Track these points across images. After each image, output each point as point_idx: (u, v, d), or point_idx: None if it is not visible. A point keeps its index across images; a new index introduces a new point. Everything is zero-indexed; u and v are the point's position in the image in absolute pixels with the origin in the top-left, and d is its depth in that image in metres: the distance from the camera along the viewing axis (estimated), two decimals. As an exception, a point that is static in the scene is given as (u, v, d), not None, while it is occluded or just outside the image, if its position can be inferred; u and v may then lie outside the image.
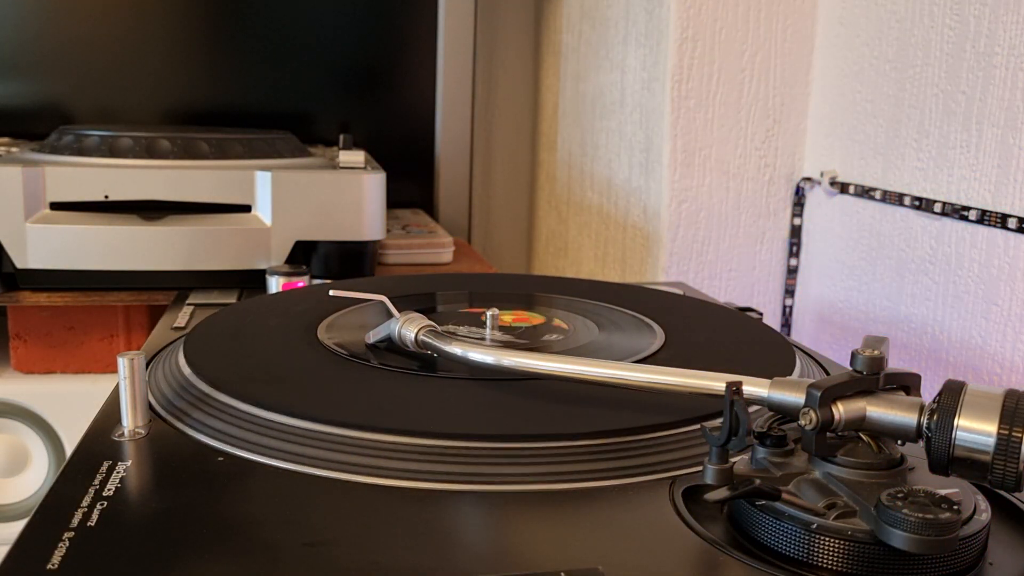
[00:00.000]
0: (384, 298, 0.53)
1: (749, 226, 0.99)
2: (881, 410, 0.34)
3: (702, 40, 0.94)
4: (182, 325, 0.64)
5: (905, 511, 0.30)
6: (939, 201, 0.78)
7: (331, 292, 0.56)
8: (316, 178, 0.83)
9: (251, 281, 0.80)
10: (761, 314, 0.69)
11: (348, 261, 0.85)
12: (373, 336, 0.52)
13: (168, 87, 1.20)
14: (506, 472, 0.38)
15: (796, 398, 0.36)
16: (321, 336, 0.54)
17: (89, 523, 0.33)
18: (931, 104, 0.80)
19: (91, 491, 0.36)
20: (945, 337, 0.78)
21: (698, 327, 0.59)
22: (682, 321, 0.60)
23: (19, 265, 0.78)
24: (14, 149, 0.92)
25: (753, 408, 0.43)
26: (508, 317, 0.60)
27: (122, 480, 0.37)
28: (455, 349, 0.47)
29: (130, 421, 0.42)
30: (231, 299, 0.75)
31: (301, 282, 0.71)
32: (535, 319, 0.60)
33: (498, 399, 0.45)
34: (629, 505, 0.37)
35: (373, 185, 0.84)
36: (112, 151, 0.83)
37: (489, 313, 0.57)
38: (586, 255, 1.21)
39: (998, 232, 0.72)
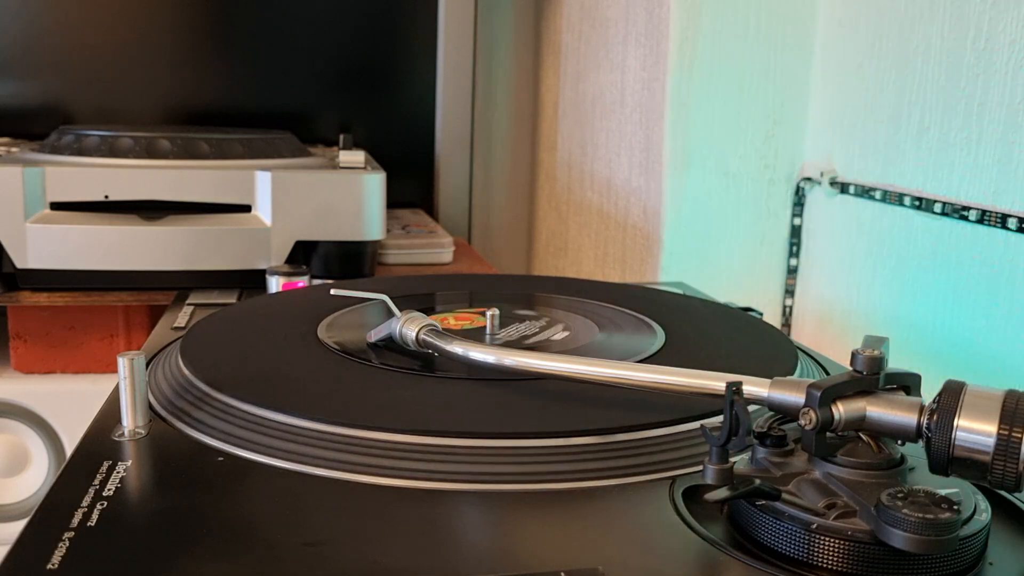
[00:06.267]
0: (385, 297, 0.53)
1: (749, 226, 0.99)
2: (881, 410, 0.34)
3: (702, 40, 0.94)
4: (182, 325, 0.64)
5: (905, 511, 0.30)
6: (939, 201, 0.78)
7: (332, 292, 0.56)
8: (316, 178, 0.83)
9: (251, 281, 0.80)
10: (761, 314, 0.69)
11: (348, 261, 0.85)
12: (374, 335, 0.52)
13: (168, 87, 1.20)
14: (506, 472, 0.38)
15: (796, 398, 0.36)
16: (321, 336, 0.54)
17: (89, 523, 0.33)
18: (931, 104, 0.80)
19: (91, 491, 0.36)
20: (945, 337, 0.78)
21: (698, 327, 0.59)
22: (682, 321, 0.60)
23: (19, 265, 0.78)
24: (14, 149, 0.92)
25: (753, 408, 0.43)
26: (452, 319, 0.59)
27: (122, 480, 0.37)
28: (456, 348, 0.47)
29: (130, 421, 0.42)
30: (231, 299, 0.75)
31: (301, 282, 0.71)
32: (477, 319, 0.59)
33: (498, 399, 0.45)
34: (629, 505, 0.37)
35: (373, 185, 0.84)
36: (112, 151, 0.83)
37: (489, 313, 0.57)
38: (586, 255, 1.21)
39: (998, 232, 0.72)
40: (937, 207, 0.78)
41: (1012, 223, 0.71)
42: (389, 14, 1.25)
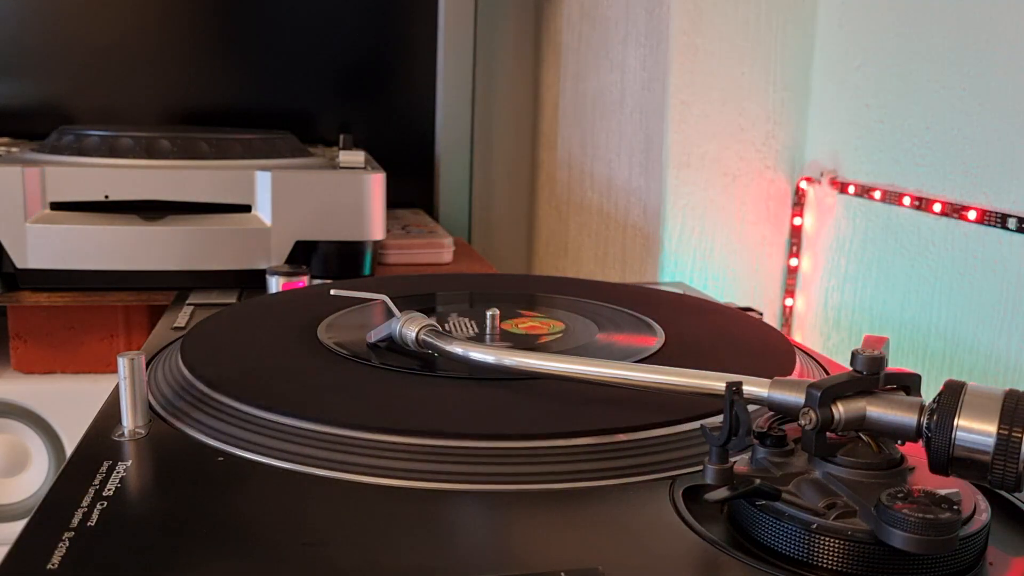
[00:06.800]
0: (385, 297, 0.53)
1: (749, 226, 0.99)
2: (881, 410, 0.34)
3: (702, 40, 0.94)
4: (182, 325, 0.64)
5: (905, 511, 0.30)
6: (939, 201, 0.78)
7: (332, 292, 0.56)
8: (316, 178, 0.83)
9: (251, 281, 0.80)
10: (761, 314, 0.69)
11: (348, 261, 0.85)
12: (374, 335, 0.52)
13: (168, 87, 1.20)
14: (506, 472, 0.38)
15: (796, 398, 0.36)
16: (321, 336, 0.54)
17: (89, 523, 0.33)
18: (931, 104, 0.80)
19: (91, 491, 0.36)
20: (945, 337, 0.78)
21: (698, 327, 0.59)
22: (682, 321, 0.60)
23: (19, 265, 0.78)
24: (14, 149, 0.92)
25: (753, 408, 0.43)
26: (523, 324, 0.59)
27: (122, 480, 0.37)
28: (456, 349, 0.47)
29: (130, 421, 0.42)
30: (231, 299, 0.75)
31: (301, 282, 0.71)
32: (544, 326, 0.59)
33: (498, 399, 0.45)
34: (629, 505, 0.37)
35: (373, 185, 0.84)
36: (112, 151, 0.83)
37: (489, 313, 0.57)
38: (586, 255, 1.21)
39: (998, 232, 0.72)
40: (937, 207, 0.78)
41: (1012, 223, 0.71)
42: (389, 14, 1.25)
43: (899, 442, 0.35)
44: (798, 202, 0.98)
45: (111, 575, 0.30)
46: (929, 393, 0.35)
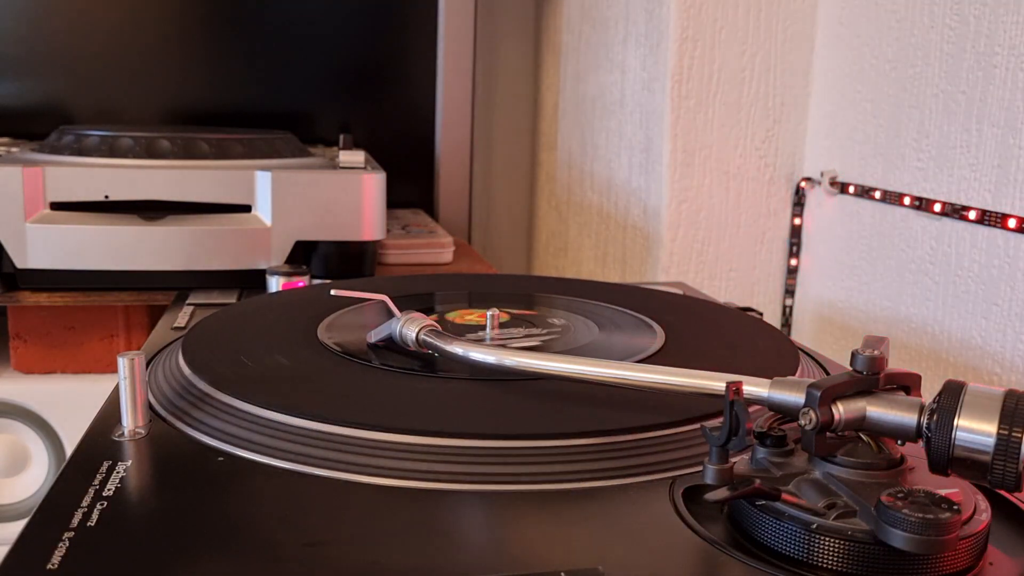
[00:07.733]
0: (385, 297, 0.53)
1: (749, 226, 0.99)
2: (881, 410, 0.34)
3: (702, 40, 0.94)
4: (182, 325, 0.64)
5: (905, 511, 0.30)
6: (939, 201, 0.78)
7: (332, 292, 0.56)
8: (316, 178, 0.83)
9: (251, 281, 0.80)
10: (761, 314, 0.69)
11: (348, 261, 0.85)
12: (374, 335, 0.52)
13: (168, 87, 1.20)
14: (506, 472, 0.38)
15: (796, 398, 0.36)
16: (321, 336, 0.54)
17: (89, 523, 0.33)
18: (931, 104, 0.80)
19: (91, 491, 0.36)
20: (945, 337, 0.78)
21: (698, 327, 0.59)
22: (682, 321, 0.60)
23: (19, 265, 0.78)
24: (14, 149, 0.92)
25: (753, 408, 0.43)
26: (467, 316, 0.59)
27: (122, 480, 0.37)
28: (456, 349, 0.47)
29: (130, 421, 0.42)
30: (231, 299, 0.75)
31: (301, 282, 0.71)
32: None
33: (498, 399, 0.45)
34: (629, 505, 0.37)
35: (373, 185, 0.84)
36: (112, 151, 0.83)
37: (489, 313, 0.57)
38: (586, 255, 1.21)
39: (998, 232, 0.72)
40: (937, 207, 0.78)
41: (1012, 223, 0.71)
42: (389, 14, 1.25)
43: (899, 442, 0.35)
44: (798, 202, 0.98)
45: (111, 575, 0.30)
46: (929, 393, 0.35)
